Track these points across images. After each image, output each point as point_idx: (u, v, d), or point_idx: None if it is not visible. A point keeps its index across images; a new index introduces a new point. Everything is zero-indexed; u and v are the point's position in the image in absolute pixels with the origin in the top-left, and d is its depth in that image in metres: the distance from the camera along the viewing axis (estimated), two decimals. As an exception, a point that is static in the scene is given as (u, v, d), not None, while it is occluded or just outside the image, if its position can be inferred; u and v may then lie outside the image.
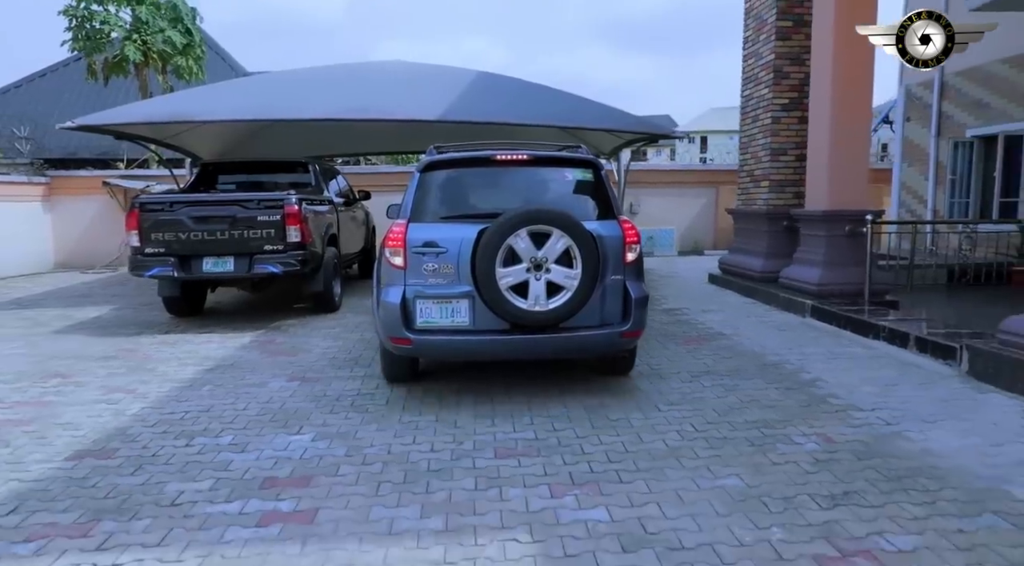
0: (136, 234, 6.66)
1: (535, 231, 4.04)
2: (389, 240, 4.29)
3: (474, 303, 4.16)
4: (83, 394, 4.76)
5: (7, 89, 21.80)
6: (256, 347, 6.14)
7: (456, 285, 4.17)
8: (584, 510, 2.93)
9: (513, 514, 2.90)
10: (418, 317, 4.20)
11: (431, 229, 4.25)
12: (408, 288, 4.19)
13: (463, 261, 4.14)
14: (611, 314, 4.31)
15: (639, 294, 4.34)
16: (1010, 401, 4.30)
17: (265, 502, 3.05)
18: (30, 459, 3.58)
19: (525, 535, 2.73)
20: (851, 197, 7.21)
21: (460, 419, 4.09)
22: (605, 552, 2.59)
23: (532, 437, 3.78)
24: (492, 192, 4.61)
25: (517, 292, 4.07)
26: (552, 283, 4.09)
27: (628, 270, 4.35)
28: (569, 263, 4.09)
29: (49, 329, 7.13)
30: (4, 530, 2.83)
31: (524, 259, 4.07)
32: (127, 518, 2.92)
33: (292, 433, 3.92)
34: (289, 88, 9.19)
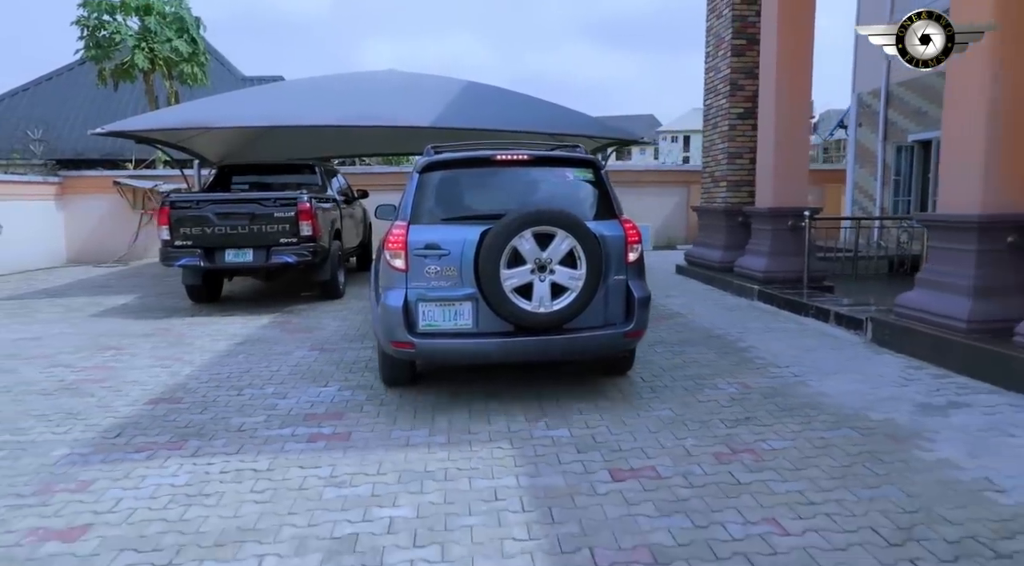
0: (167, 229, 7.58)
1: (539, 232, 4.00)
2: (390, 242, 4.22)
3: (477, 305, 4.12)
4: (138, 361, 5.69)
5: (15, 92, 22.53)
6: (275, 326, 7.08)
7: (459, 287, 4.12)
8: (551, 430, 3.92)
9: (498, 433, 3.89)
10: (420, 320, 4.14)
11: (433, 231, 4.21)
12: (410, 291, 4.13)
13: (466, 263, 4.09)
14: (614, 314, 4.32)
15: (642, 294, 4.35)
16: (897, 359, 5.36)
17: (310, 428, 4.02)
18: (116, 404, 4.52)
19: (507, 444, 3.72)
20: (792, 196, 8.27)
21: (458, 375, 5.06)
22: (565, 453, 3.59)
23: (511, 381, 4.77)
24: (493, 193, 4.52)
25: (521, 294, 4.04)
26: (556, 284, 4.07)
27: (630, 270, 4.36)
28: (573, 264, 4.07)
29: (85, 314, 8.02)
30: (117, 446, 3.78)
31: (528, 260, 4.03)
32: (207, 439, 3.87)
33: (321, 386, 4.88)
34: (294, 96, 10.11)
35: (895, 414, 4.08)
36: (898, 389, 4.59)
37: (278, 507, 3.01)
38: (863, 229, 10.56)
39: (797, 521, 2.83)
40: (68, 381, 5.10)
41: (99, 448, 3.75)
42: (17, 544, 2.73)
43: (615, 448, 3.64)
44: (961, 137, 5.21)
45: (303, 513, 2.96)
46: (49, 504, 3.07)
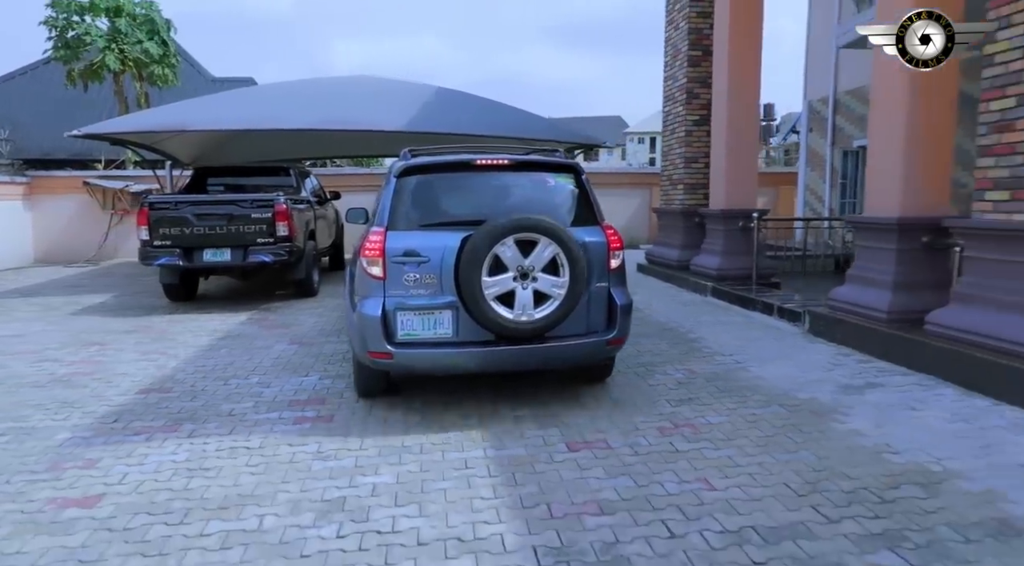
0: (146, 229, 7.83)
1: (522, 239, 3.92)
2: (366, 249, 4.09)
3: (458, 314, 4.03)
4: (124, 355, 5.97)
5: None
6: (253, 323, 7.39)
7: (439, 296, 4.03)
8: (513, 409, 4.36)
9: (467, 415, 4.31)
10: (399, 329, 4.03)
11: (411, 237, 4.10)
12: (388, 299, 4.02)
13: (446, 270, 4.00)
14: (596, 322, 4.28)
15: (624, 301, 4.34)
16: (828, 347, 5.92)
17: (295, 412, 4.39)
18: (108, 394, 4.83)
19: (476, 423, 4.15)
20: (743, 199, 8.85)
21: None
22: (525, 428, 4.03)
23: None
24: (472, 198, 4.42)
25: (503, 302, 3.96)
26: (539, 292, 4.00)
27: (612, 277, 4.32)
28: (556, 271, 4.00)
29: (63, 312, 8.21)
30: (116, 430, 4.10)
31: (510, 268, 3.95)
32: (200, 422, 4.22)
33: (302, 376, 5.25)
34: (268, 100, 10.40)
35: (819, 394, 4.62)
36: (825, 373, 5.13)
37: (272, 478, 3.40)
38: (813, 229, 11.23)
39: (724, 479, 3.31)
40: (59, 374, 5.38)
41: (99, 432, 4.07)
42: (40, 511, 3.07)
43: (571, 425, 4.09)
44: (884, 149, 5.79)
45: (295, 481, 3.35)
46: (62, 479, 3.41)
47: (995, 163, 4.64)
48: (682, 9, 10.02)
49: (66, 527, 2.91)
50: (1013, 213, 4.51)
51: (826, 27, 12.70)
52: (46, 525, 2.94)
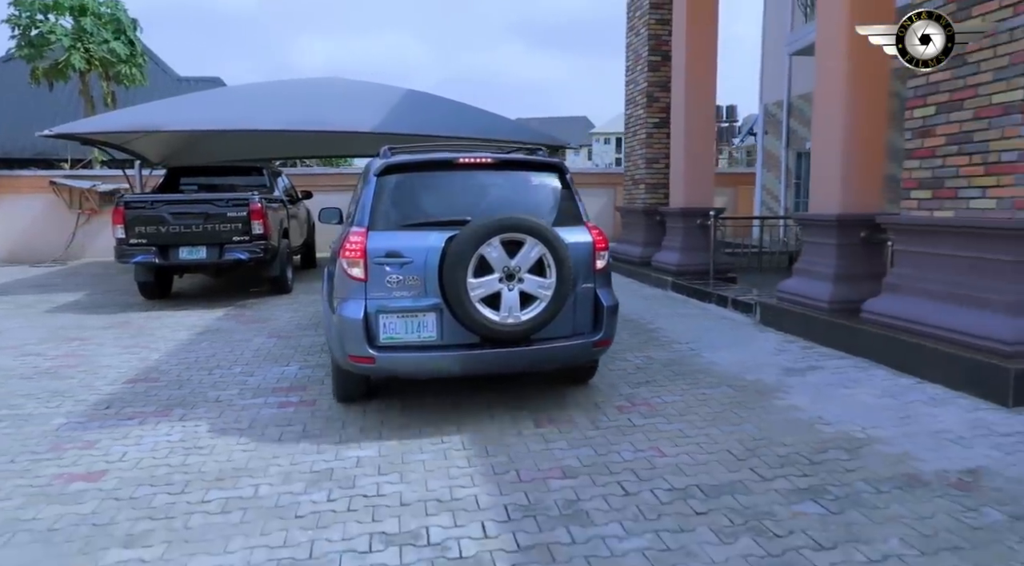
0: (122, 227, 7.97)
1: (508, 239, 3.85)
2: (347, 250, 3.97)
3: (442, 316, 3.94)
4: (105, 350, 6.15)
5: None
6: (231, 318, 7.60)
7: (422, 298, 3.94)
8: (481, 394, 4.70)
9: (440, 394, 4.64)
10: (381, 333, 3.93)
11: (393, 238, 4.00)
12: (369, 302, 3.91)
13: (430, 272, 3.91)
14: (582, 323, 4.23)
15: (610, 302, 4.32)
16: (777, 335, 6.39)
17: (279, 398, 4.66)
18: (96, 384, 5.04)
19: (451, 404, 4.48)
20: (701, 198, 9.32)
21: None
22: (497, 410, 4.38)
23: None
24: (456, 197, 4.31)
25: (488, 304, 3.87)
26: (525, 293, 3.93)
27: (598, 278, 4.28)
28: (542, 272, 3.94)
29: (38, 310, 8.29)
30: (109, 416, 4.33)
31: (496, 269, 3.87)
32: (190, 407, 4.47)
33: (283, 365, 5.51)
34: (239, 101, 10.56)
35: (764, 376, 5.05)
36: (771, 358, 5.58)
37: (263, 453, 3.68)
38: (769, 227, 11.80)
39: (674, 448, 3.70)
40: (44, 367, 5.55)
41: (93, 417, 4.30)
42: (48, 485, 3.31)
43: (540, 408, 4.44)
44: (825, 152, 6.28)
45: (284, 456, 3.64)
46: (64, 457, 3.65)
47: (919, 165, 5.14)
48: (642, 16, 10.48)
49: (75, 498, 3.16)
50: (934, 210, 5.01)
51: (780, 34, 13.32)
52: (56, 496, 3.19)
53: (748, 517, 2.91)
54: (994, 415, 4.07)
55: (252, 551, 2.69)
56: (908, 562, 2.54)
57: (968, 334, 4.57)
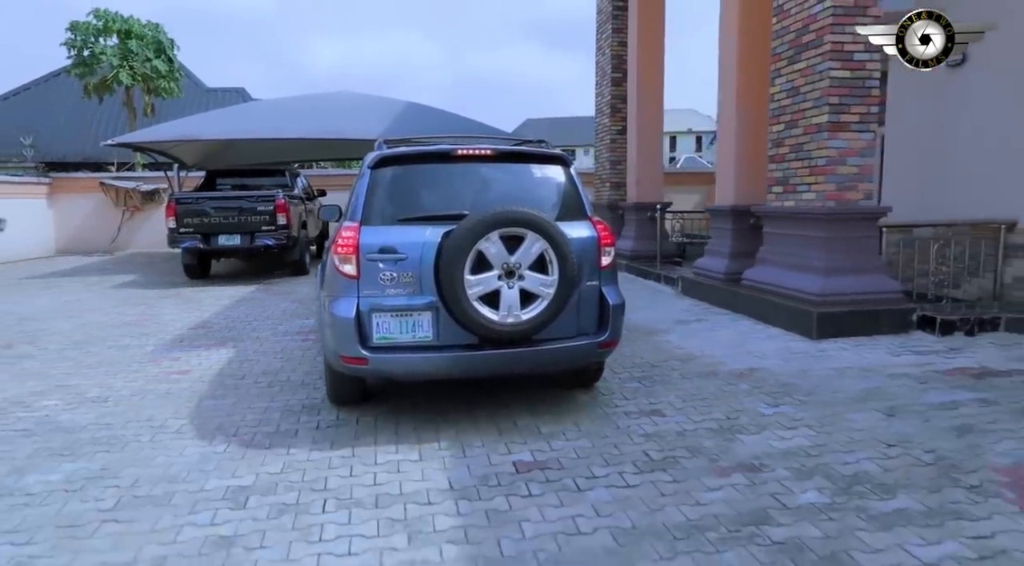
0: (173, 219, 9.87)
1: (507, 234, 3.65)
2: (338, 246, 3.81)
3: (438, 315, 3.75)
4: (167, 311, 8.03)
5: (6, 96, 24.27)
6: (261, 291, 9.47)
7: (418, 296, 3.75)
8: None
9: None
10: (374, 332, 3.74)
11: (387, 232, 3.83)
12: (362, 300, 3.75)
13: (425, 268, 3.73)
14: (587, 323, 4.03)
15: (617, 300, 4.10)
16: (690, 301, 8.13)
17: (301, 336, 6.48)
18: (169, 329, 6.90)
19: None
20: (651, 194, 11.07)
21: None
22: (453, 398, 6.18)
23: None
24: (453, 191, 4.11)
25: (487, 302, 3.67)
26: (526, 291, 3.72)
27: (604, 275, 4.09)
28: (544, 269, 3.73)
29: (104, 286, 10.21)
30: (183, 345, 6.18)
31: (495, 265, 3.67)
32: (238, 341, 6.31)
33: (303, 319, 7.34)
34: (266, 114, 12.46)
35: (659, 325, 6.80)
36: (674, 314, 7.33)
37: (293, 364, 5.49)
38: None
39: (567, 360, 5.47)
40: (126, 320, 7.44)
41: (172, 346, 6.16)
42: (155, 376, 5.15)
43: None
44: (724, 153, 8.03)
45: (308, 363, 5.46)
46: (160, 365, 5.49)
47: (775, 168, 6.88)
48: (607, 38, 12.24)
49: (175, 382, 5.00)
50: (784, 201, 6.74)
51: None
52: (164, 380, 5.03)
53: (590, 390, 4.67)
54: (798, 343, 5.81)
55: (289, 401, 4.50)
56: (677, 408, 4.27)
57: (797, 290, 6.31)
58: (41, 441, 3.80)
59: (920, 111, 8.03)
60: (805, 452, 3.47)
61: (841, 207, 6.11)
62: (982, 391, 4.36)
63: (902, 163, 8.37)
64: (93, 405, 4.44)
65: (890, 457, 3.37)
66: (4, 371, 5.33)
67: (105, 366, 5.46)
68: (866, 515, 2.79)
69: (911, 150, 8.22)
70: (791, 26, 6.52)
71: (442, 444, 3.67)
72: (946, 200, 7.45)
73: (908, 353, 5.38)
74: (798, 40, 6.42)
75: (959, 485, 3.04)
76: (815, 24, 6.15)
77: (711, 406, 4.25)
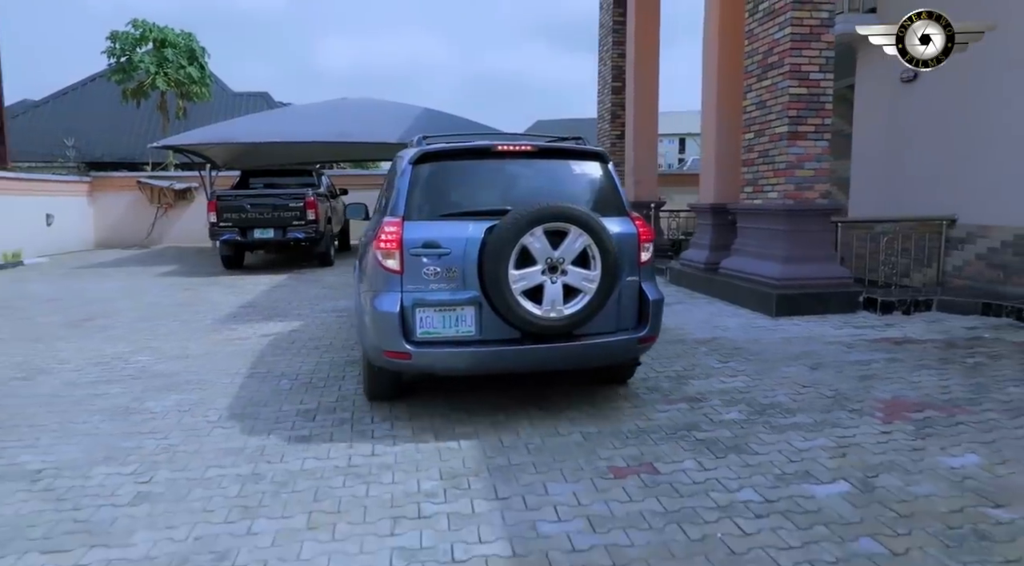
0: (214, 214, 11.00)
1: (551, 229, 3.67)
2: (381, 241, 3.81)
3: (480, 310, 3.77)
4: (214, 294, 9.13)
5: (46, 100, 25.99)
6: (293, 279, 10.57)
7: (461, 291, 3.76)
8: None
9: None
10: (418, 327, 3.75)
11: (431, 228, 3.83)
12: (406, 295, 3.75)
13: (469, 263, 3.74)
14: (626, 319, 4.03)
15: (656, 296, 4.10)
16: (675, 288, 9.13)
17: (336, 313, 7.55)
18: (220, 308, 7.99)
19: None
20: (647, 193, 12.09)
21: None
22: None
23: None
24: (494, 186, 4.13)
25: (530, 297, 3.68)
26: (568, 286, 3.73)
27: (643, 271, 4.09)
28: (587, 264, 3.74)
29: (149, 275, 11.34)
30: (236, 319, 7.26)
31: (539, 260, 3.67)
32: (283, 317, 7.38)
33: (335, 301, 8.41)
34: (293, 119, 13.59)
35: (644, 306, 7.81)
36: (658, 298, 8.35)
37: (333, 333, 6.54)
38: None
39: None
40: (179, 301, 8.54)
41: (227, 320, 7.24)
42: (217, 342, 6.22)
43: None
44: (705, 158, 9.04)
45: (345, 333, 6.51)
46: (221, 334, 6.57)
47: (747, 170, 7.89)
48: (608, 50, 13.27)
49: (238, 344, 6.08)
50: (753, 200, 7.76)
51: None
52: (228, 343, 6.11)
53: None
54: (759, 320, 6.82)
55: (335, 358, 5.56)
56: (646, 364, 5.28)
57: (762, 276, 7.32)
58: (147, 382, 4.89)
59: (880, 121, 9.02)
60: (738, 390, 4.50)
61: (799, 205, 7.12)
62: (895, 353, 5.38)
63: (866, 167, 9.35)
64: (177, 360, 5.53)
65: (801, 393, 4.40)
66: (96, 336, 6.45)
67: (175, 334, 6.55)
68: (769, 425, 3.82)
69: (873, 156, 9.20)
70: (759, 48, 7.53)
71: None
72: (903, 200, 8.44)
73: (849, 327, 6.39)
74: (764, 61, 7.43)
75: (844, 409, 4.07)
76: (778, 47, 7.16)
77: (673, 362, 5.28)
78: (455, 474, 3.25)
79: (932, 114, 8.14)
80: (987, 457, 3.33)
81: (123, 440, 3.73)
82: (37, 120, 23.97)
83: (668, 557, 2.49)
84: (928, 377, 4.70)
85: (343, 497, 3.01)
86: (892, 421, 3.85)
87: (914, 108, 8.41)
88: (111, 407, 4.31)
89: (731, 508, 2.85)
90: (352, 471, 3.30)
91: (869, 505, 2.85)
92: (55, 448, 3.63)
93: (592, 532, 2.67)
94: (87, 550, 2.59)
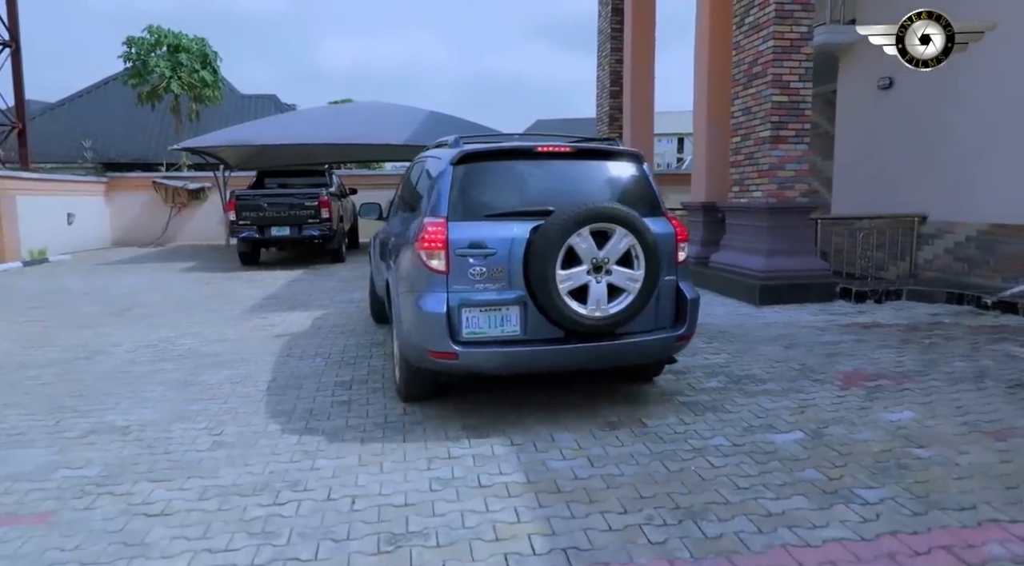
0: (234, 213, 11.62)
1: (597, 229, 3.72)
2: (425, 241, 3.81)
3: (526, 310, 3.80)
4: (236, 288, 9.75)
5: (62, 103, 26.64)
6: (307, 274, 11.19)
7: (506, 291, 3.79)
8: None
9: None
10: (464, 327, 3.78)
11: (476, 228, 3.85)
12: (451, 295, 3.76)
13: (514, 263, 3.78)
14: (664, 317, 4.11)
15: (693, 295, 4.18)
16: (667, 281, 9.77)
17: (354, 303, 8.17)
18: (245, 300, 8.60)
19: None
20: (642, 193, 12.70)
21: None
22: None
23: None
24: (536, 186, 4.15)
25: (575, 297, 3.73)
26: (612, 285, 3.79)
27: (680, 270, 4.17)
28: (630, 264, 3.81)
29: (170, 271, 11.95)
30: (263, 308, 7.88)
31: (584, 260, 3.73)
32: (305, 307, 8.00)
33: (350, 294, 9.03)
34: (304, 122, 14.21)
35: (639, 297, 8.45)
36: (652, 290, 8.98)
37: (355, 321, 7.16)
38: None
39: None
40: (206, 294, 9.16)
41: (255, 310, 7.87)
42: (249, 329, 6.84)
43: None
44: (697, 159, 9.67)
45: (366, 321, 7.13)
46: (252, 322, 7.19)
47: (735, 171, 8.52)
48: (606, 56, 13.90)
49: (270, 330, 6.70)
50: (740, 198, 8.39)
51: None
52: (260, 329, 6.72)
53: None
54: (744, 309, 7.45)
55: (360, 340, 6.18)
56: (640, 345, 5.91)
57: (748, 269, 7.95)
58: (197, 360, 5.51)
59: (859, 125, 9.66)
60: (719, 365, 5.13)
61: (781, 203, 7.75)
62: (862, 336, 6.01)
63: (847, 168, 9.99)
64: (219, 343, 6.15)
65: (773, 367, 5.03)
66: (139, 323, 7.08)
67: (210, 322, 7.17)
68: (742, 391, 4.46)
69: (853, 157, 9.83)
70: (745, 58, 8.16)
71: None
72: (880, 198, 9.07)
73: (824, 314, 7.02)
74: (750, 70, 8.06)
75: (809, 379, 4.70)
76: (761, 58, 7.79)
77: (663, 343, 5.91)
78: (475, 426, 3.88)
79: (906, 119, 8.77)
80: (921, 413, 3.97)
81: (190, 404, 4.36)
82: (54, 122, 24.66)
83: (651, 483, 3.12)
84: (887, 354, 5.34)
85: (385, 443, 3.65)
86: (848, 388, 4.48)
87: (890, 113, 9.04)
88: (171, 380, 4.94)
89: (704, 450, 3.49)
90: (389, 425, 3.94)
91: (817, 447, 3.49)
92: (134, 410, 4.26)
93: (591, 467, 3.30)
94: (186, 479, 3.22)
